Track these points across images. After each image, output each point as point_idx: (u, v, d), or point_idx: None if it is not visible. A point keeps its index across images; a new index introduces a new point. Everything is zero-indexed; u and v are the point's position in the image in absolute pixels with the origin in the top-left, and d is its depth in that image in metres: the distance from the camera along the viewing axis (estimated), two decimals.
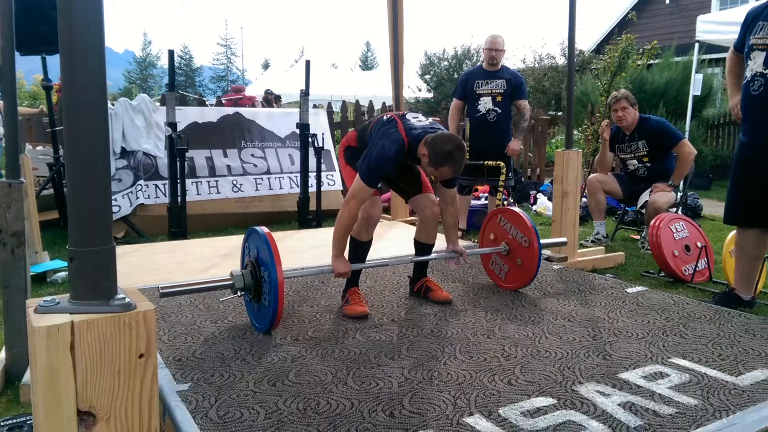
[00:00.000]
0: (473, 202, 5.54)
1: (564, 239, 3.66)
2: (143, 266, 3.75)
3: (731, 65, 3.22)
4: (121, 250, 4.21)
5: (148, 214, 5.24)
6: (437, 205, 3.03)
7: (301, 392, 2.00)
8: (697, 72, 7.42)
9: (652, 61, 8.74)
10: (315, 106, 8.06)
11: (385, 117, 2.87)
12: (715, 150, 9.72)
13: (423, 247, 3.09)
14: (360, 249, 2.91)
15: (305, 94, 5.43)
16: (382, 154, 2.66)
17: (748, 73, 2.92)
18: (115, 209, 5.07)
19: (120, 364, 1.07)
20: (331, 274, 2.79)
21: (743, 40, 3.03)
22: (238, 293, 2.59)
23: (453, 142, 2.62)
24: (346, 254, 2.84)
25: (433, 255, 3.16)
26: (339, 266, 2.75)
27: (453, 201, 3.03)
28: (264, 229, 2.52)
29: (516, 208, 3.26)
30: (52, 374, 1.02)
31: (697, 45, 7.36)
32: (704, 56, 9.04)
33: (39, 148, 5.78)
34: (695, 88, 7.32)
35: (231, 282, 2.56)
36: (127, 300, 1.10)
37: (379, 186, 2.84)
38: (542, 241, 3.12)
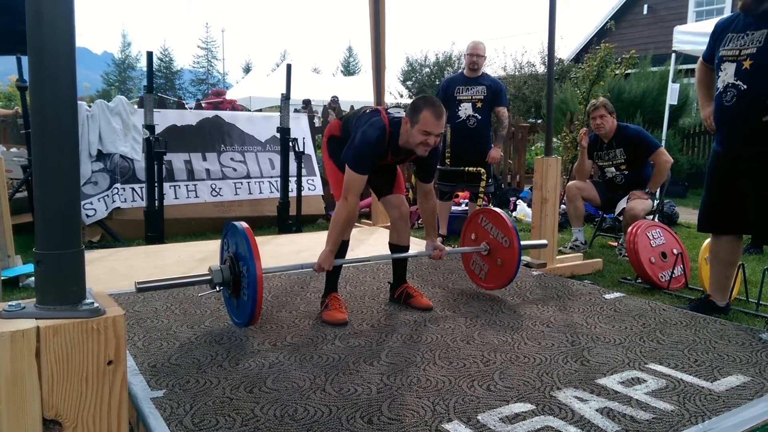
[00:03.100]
0: (454, 208, 5.56)
1: (544, 241, 3.68)
2: (119, 271, 3.68)
3: (701, 76, 3.27)
4: (96, 255, 4.14)
5: (125, 218, 5.16)
6: (405, 205, 3.05)
7: (278, 399, 1.97)
8: (673, 82, 7.53)
9: (629, 71, 8.86)
10: (296, 110, 8.03)
11: (368, 109, 2.91)
12: (691, 158, 9.88)
13: (397, 249, 3.08)
14: (338, 249, 2.90)
15: (286, 98, 5.40)
16: (365, 139, 2.67)
17: (720, 85, 2.96)
18: (90, 213, 4.98)
19: (88, 370, 1.04)
20: (312, 270, 2.77)
21: (712, 52, 3.08)
22: (217, 288, 2.55)
23: (424, 96, 2.68)
24: (318, 254, 2.83)
25: (412, 252, 3.16)
26: (324, 261, 2.71)
27: (429, 195, 3.02)
28: (243, 224, 2.49)
29: (497, 209, 3.27)
30: (17, 381, 0.99)
31: (673, 55, 7.48)
32: (681, 66, 9.19)
33: (13, 149, 5.67)
34: (672, 97, 7.44)
35: (209, 277, 2.52)
36: (96, 305, 1.06)
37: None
38: (522, 242, 3.13)
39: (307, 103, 8.39)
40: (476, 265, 3.35)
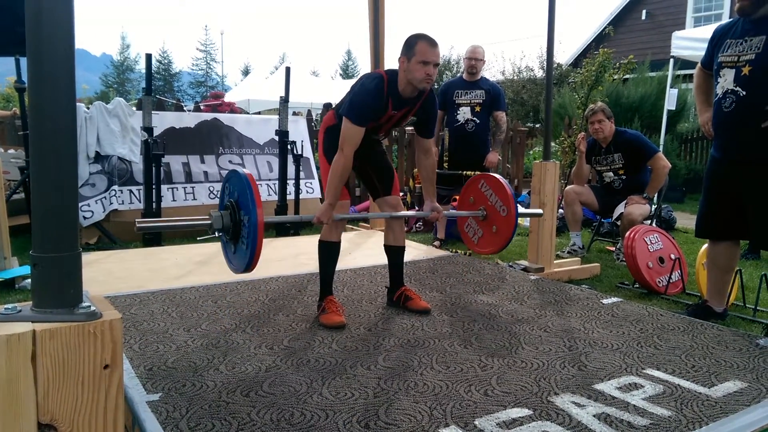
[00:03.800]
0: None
1: (540, 211, 3.69)
2: (116, 273, 3.67)
3: (699, 82, 3.27)
4: (93, 257, 4.13)
5: (122, 220, 5.15)
6: (401, 206, 3.05)
7: (275, 403, 1.97)
8: (671, 87, 7.56)
9: (627, 76, 8.90)
10: (294, 113, 8.03)
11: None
12: (689, 164, 9.90)
13: (393, 250, 3.08)
14: (331, 250, 2.91)
15: (285, 101, 5.41)
16: (364, 89, 2.70)
17: (719, 91, 2.97)
18: (87, 215, 4.97)
19: (84, 374, 1.03)
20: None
21: (711, 58, 3.08)
22: (216, 234, 2.53)
23: (414, 33, 2.72)
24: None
25: (410, 212, 3.17)
26: (323, 214, 2.69)
27: (429, 152, 3.00)
28: (245, 170, 2.47)
29: (499, 176, 3.26)
30: (12, 385, 0.98)
31: (672, 60, 7.51)
32: (679, 72, 9.22)
33: (11, 151, 5.65)
34: (670, 102, 7.47)
35: (209, 222, 2.49)
36: (93, 308, 1.06)
37: (357, 194, 2.84)
38: (519, 210, 3.13)
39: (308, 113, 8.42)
40: (471, 228, 3.34)
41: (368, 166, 3.02)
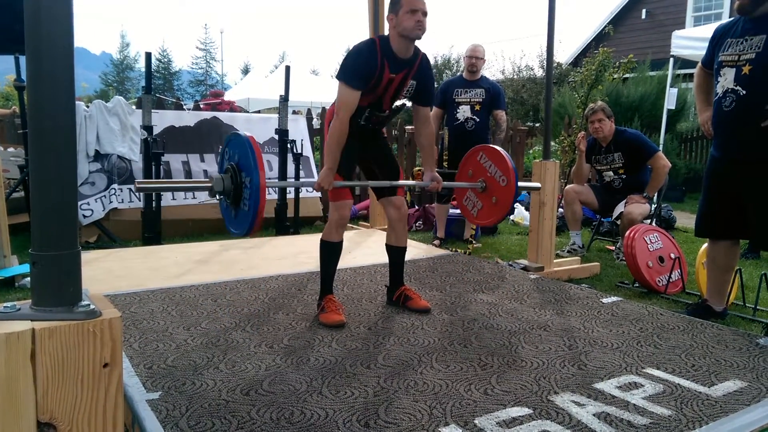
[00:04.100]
0: (451, 210, 5.55)
1: (538, 185, 3.70)
2: (115, 272, 3.67)
3: (699, 81, 3.27)
4: (93, 256, 4.12)
5: (122, 219, 5.14)
6: (405, 207, 3.04)
7: (274, 402, 1.96)
8: (671, 86, 7.55)
9: (627, 75, 8.90)
10: (294, 112, 8.03)
11: None
12: (689, 163, 9.90)
13: (395, 251, 3.07)
14: (332, 250, 2.90)
15: (285, 99, 5.40)
16: (356, 50, 2.72)
17: (719, 90, 2.96)
18: (87, 213, 4.97)
19: (83, 373, 1.03)
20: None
21: (712, 57, 3.08)
22: (217, 197, 2.51)
23: None
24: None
25: (411, 182, 3.18)
26: (323, 180, 2.67)
27: (427, 121, 3.00)
28: (246, 133, 2.45)
29: (499, 148, 3.25)
30: (11, 383, 0.98)
31: (672, 60, 7.50)
32: (679, 71, 9.20)
33: (11, 149, 5.65)
34: (670, 102, 7.46)
35: (210, 185, 2.47)
36: (92, 307, 1.06)
37: (357, 193, 2.83)
38: (519, 183, 3.14)
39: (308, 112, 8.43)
40: (469, 201, 3.34)
41: (375, 165, 2.99)
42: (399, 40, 2.71)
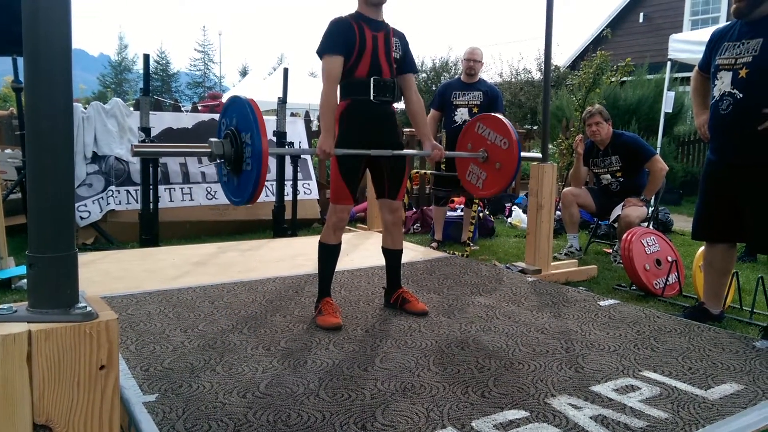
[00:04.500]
0: (449, 213, 5.56)
1: (539, 155, 3.72)
2: (112, 274, 3.66)
3: (696, 85, 3.28)
4: (90, 257, 4.12)
5: (119, 221, 5.14)
6: (401, 211, 3.06)
7: (271, 404, 1.96)
8: (669, 90, 7.58)
9: (625, 78, 8.91)
10: (292, 114, 8.02)
11: None
12: (686, 166, 9.92)
13: (391, 253, 3.07)
14: (330, 253, 2.90)
15: (283, 101, 5.40)
16: (329, 25, 2.77)
17: (716, 93, 2.97)
18: (84, 215, 4.96)
19: (79, 375, 1.02)
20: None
21: (708, 61, 3.09)
22: (217, 160, 2.47)
23: None
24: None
25: (412, 152, 3.18)
26: (323, 142, 2.69)
27: (414, 87, 3.01)
28: (246, 97, 2.42)
29: (495, 114, 3.26)
30: (7, 385, 0.98)
31: (669, 63, 7.53)
32: (676, 74, 9.25)
33: (8, 151, 5.64)
34: (667, 105, 7.48)
35: (209, 150, 2.43)
36: (89, 309, 1.05)
37: (356, 195, 2.83)
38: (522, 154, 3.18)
39: (306, 114, 8.45)
40: (473, 176, 3.35)
41: (386, 164, 2.91)
42: (366, 7, 2.81)
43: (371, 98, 2.78)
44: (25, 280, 3.73)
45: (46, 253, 1.04)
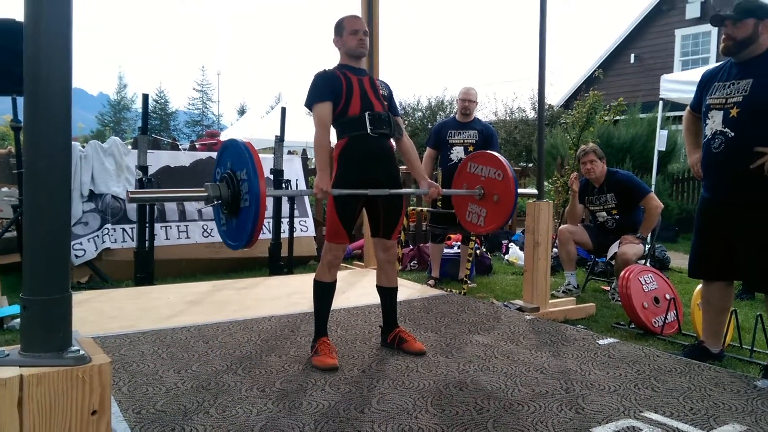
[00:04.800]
0: (446, 250, 5.55)
1: (535, 191, 3.73)
2: (106, 313, 3.62)
3: (688, 124, 3.33)
4: (84, 296, 4.08)
5: (114, 259, 5.11)
6: (395, 249, 3.08)
7: None
8: (661, 128, 7.68)
9: (618, 117, 9.04)
10: (290, 152, 8.07)
11: None
12: (681, 203, 9.97)
13: (386, 291, 3.06)
14: (325, 291, 2.88)
15: (280, 140, 5.45)
16: (314, 78, 2.88)
17: (708, 132, 3.01)
18: (79, 253, 4.93)
19: (71, 421, 1.00)
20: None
21: (699, 101, 3.15)
22: (214, 202, 2.43)
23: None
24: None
25: (409, 190, 3.19)
26: (320, 182, 2.71)
27: (402, 128, 3.05)
28: (243, 139, 2.43)
29: (486, 151, 3.30)
30: None
31: (661, 103, 7.65)
32: (668, 113, 9.37)
33: (5, 189, 5.64)
34: (660, 143, 7.57)
35: (206, 194, 2.40)
36: (82, 352, 1.04)
37: (353, 233, 2.84)
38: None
39: (303, 152, 8.56)
40: (473, 215, 3.35)
41: (383, 203, 2.92)
42: (347, 59, 2.93)
43: (369, 132, 2.82)
44: (18, 320, 3.68)
45: (40, 295, 1.03)
